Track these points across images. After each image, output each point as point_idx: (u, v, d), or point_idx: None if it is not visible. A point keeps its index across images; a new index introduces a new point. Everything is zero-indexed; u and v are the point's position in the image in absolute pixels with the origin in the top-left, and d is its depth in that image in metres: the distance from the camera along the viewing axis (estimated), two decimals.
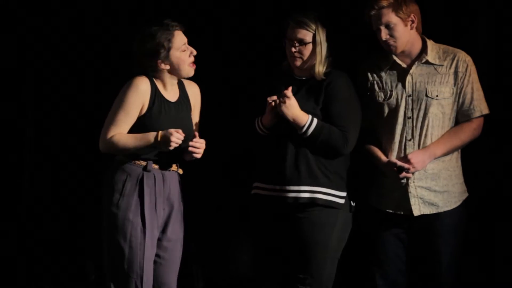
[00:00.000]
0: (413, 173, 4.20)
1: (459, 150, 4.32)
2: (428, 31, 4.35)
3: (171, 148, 3.89)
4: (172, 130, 3.90)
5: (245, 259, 4.39)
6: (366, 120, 4.33)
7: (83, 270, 5.14)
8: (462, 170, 4.33)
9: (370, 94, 4.33)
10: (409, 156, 4.18)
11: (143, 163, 3.98)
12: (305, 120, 4.17)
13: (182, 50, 3.99)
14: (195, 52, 4.03)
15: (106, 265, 4.00)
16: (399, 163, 4.18)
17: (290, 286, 4.23)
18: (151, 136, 3.93)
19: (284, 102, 4.13)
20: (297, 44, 4.24)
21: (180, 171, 4.11)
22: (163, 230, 4.04)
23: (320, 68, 4.25)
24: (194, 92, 4.16)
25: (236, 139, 4.65)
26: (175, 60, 3.99)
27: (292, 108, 4.15)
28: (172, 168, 4.06)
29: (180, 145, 3.93)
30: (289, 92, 4.15)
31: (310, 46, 4.25)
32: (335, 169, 4.24)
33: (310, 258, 4.18)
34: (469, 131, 4.25)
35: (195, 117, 4.16)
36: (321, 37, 4.25)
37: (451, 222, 4.23)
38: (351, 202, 4.27)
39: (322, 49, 4.25)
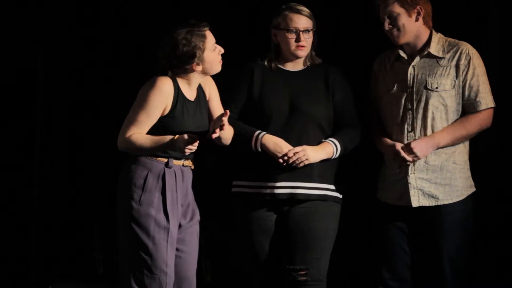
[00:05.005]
0: (413, 161, 4.21)
1: (467, 145, 4.30)
2: (439, 25, 4.36)
3: (186, 154, 3.90)
4: (187, 138, 3.86)
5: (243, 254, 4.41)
6: (374, 109, 4.40)
7: (91, 262, 5.16)
8: (471, 165, 4.31)
9: (378, 85, 4.39)
10: (412, 145, 4.19)
11: (164, 159, 3.96)
12: (332, 151, 4.25)
13: (213, 50, 3.99)
14: (222, 51, 4.03)
15: (124, 261, 3.96)
16: (402, 153, 4.19)
17: (287, 277, 4.24)
18: (167, 139, 3.90)
19: (304, 156, 4.18)
20: (304, 34, 4.28)
21: (192, 166, 4.11)
22: (181, 225, 4.03)
23: (314, 54, 4.35)
24: (207, 83, 4.13)
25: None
26: (208, 60, 3.98)
27: (313, 154, 4.22)
28: (188, 164, 4.06)
29: (200, 142, 3.94)
30: (296, 150, 4.19)
31: (312, 34, 4.31)
32: (338, 165, 4.34)
33: (311, 248, 4.22)
34: (475, 121, 4.22)
35: (216, 106, 4.14)
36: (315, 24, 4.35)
37: (453, 217, 4.21)
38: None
39: (316, 36, 4.35)
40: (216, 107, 4.13)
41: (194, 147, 3.88)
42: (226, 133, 4.08)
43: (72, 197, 5.25)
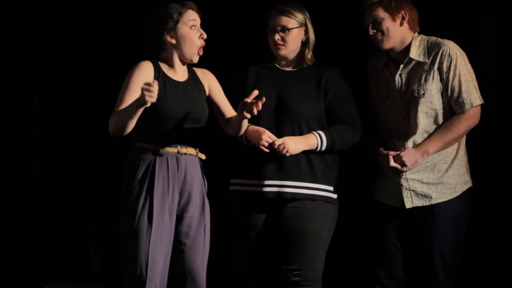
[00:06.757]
0: (404, 171, 4.25)
1: (462, 142, 4.32)
2: (432, 28, 4.38)
3: (152, 99, 3.69)
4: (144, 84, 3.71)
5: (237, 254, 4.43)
6: (368, 113, 4.39)
7: (89, 262, 5.17)
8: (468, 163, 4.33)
9: (371, 91, 4.41)
10: (401, 154, 4.23)
11: (156, 147, 3.94)
12: (315, 142, 4.22)
13: (190, 27, 3.98)
14: (205, 36, 4.00)
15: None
16: (392, 163, 4.22)
17: (281, 277, 4.25)
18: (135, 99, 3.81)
19: (284, 149, 4.15)
20: (280, 32, 4.27)
21: (202, 156, 4.09)
22: (182, 216, 4.01)
23: (310, 54, 4.33)
24: (205, 75, 4.14)
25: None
26: (182, 35, 3.98)
27: (295, 144, 4.19)
28: (189, 152, 4.02)
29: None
30: (277, 140, 4.17)
31: (293, 33, 4.29)
32: (330, 164, 4.31)
33: (304, 248, 4.21)
34: (460, 123, 4.23)
35: (221, 99, 4.14)
36: (308, 22, 4.31)
37: (446, 215, 4.22)
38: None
39: (310, 35, 4.32)
40: (222, 100, 4.14)
41: (151, 89, 3.68)
42: (246, 121, 4.05)
43: (68, 196, 5.24)
